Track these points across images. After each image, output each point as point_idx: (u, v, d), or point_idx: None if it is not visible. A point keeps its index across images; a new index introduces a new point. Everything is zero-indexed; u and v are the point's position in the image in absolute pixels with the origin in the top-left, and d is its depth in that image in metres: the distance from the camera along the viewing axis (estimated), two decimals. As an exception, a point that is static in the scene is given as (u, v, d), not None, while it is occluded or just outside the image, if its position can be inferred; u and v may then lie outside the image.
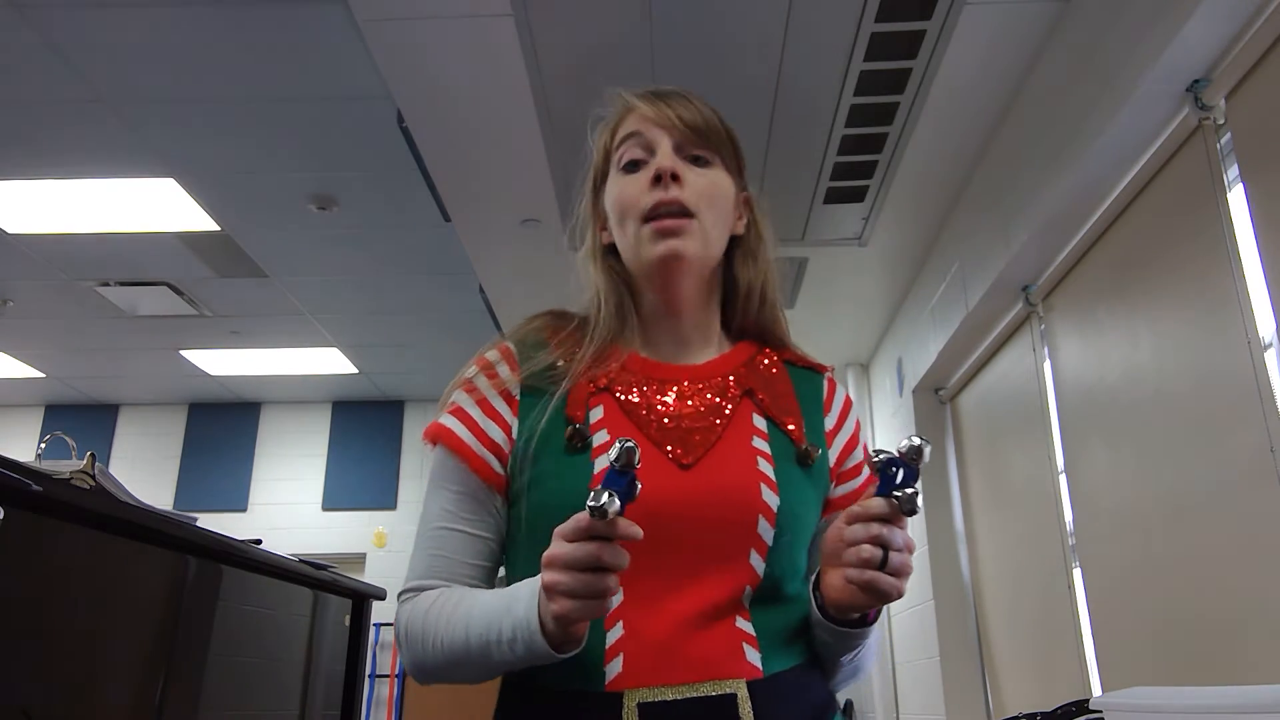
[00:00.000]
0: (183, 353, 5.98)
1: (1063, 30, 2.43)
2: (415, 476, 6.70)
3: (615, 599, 0.80)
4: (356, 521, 6.63)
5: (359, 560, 6.50)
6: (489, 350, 0.97)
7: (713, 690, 0.81)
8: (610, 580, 0.74)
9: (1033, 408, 3.00)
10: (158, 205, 4.09)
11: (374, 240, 4.50)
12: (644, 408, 0.92)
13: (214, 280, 4.89)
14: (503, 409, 0.93)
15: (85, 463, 1.65)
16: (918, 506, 0.77)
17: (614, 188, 0.98)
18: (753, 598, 0.87)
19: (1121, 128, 2.14)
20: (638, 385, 0.94)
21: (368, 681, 5.86)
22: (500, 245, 3.55)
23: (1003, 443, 3.39)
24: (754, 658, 0.84)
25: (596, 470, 0.86)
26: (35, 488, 1.37)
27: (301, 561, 2.39)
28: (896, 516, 0.78)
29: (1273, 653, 1.80)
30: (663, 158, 0.94)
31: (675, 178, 0.93)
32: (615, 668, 0.82)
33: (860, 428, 1.02)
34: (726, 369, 0.98)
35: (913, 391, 4.00)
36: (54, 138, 3.59)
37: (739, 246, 1.01)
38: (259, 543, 2.18)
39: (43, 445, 4.40)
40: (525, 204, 3.29)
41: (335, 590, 2.64)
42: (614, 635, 0.83)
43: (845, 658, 0.88)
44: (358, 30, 2.57)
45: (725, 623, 0.85)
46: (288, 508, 6.68)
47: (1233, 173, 1.96)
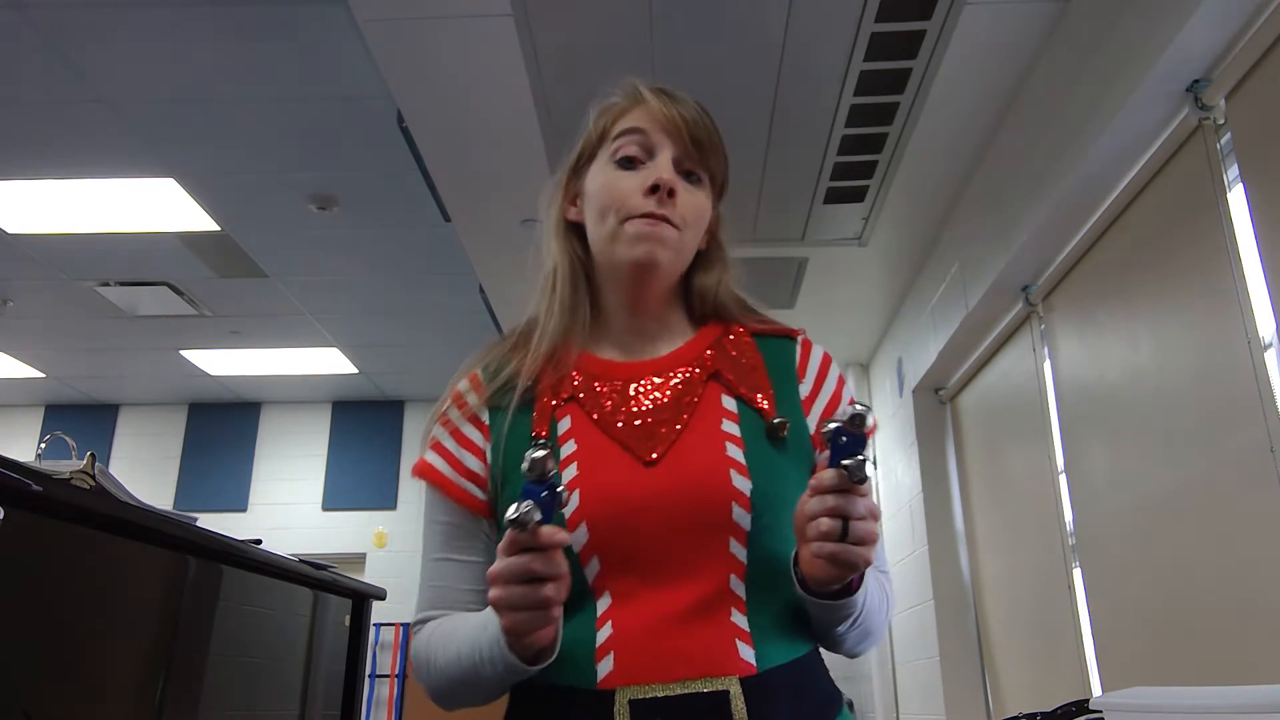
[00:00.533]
0: (183, 353, 5.98)
1: (1063, 30, 2.43)
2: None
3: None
4: (356, 521, 6.63)
5: (359, 560, 6.50)
6: (460, 380, 1.00)
7: (704, 687, 0.81)
8: (547, 589, 0.75)
9: (1033, 408, 3.00)
10: (158, 205, 4.09)
11: (374, 240, 4.50)
12: (609, 410, 0.92)
13: (214, 280, 4.89)
14: (475, 435, 0.96)
15: (85, 463, 1.65)
16: (867, 474, 0.75)
17: (604, 177, 0.98)
18: (746, 586, 0.86)
19: (1121, 128, 2.14)
20: (602, 388, 0.94)
21: (368, 681, 5.86)
22: (500, 245, 3.55)
23: (1003, 443, 3.39)
24: (747, 653, 0.83)
25: (564, 481, 0.87)
26: (35, 488, 1.37)
27: (301, 561, 2.39)
28: (851, 486, 0.76)
29: (1273, 653, 1.80)
30: (664, 169, 0.95)
31: (671, 194, 0.94)
32: (606, 666, 0.82)
33: (844, 383, 1.00)
34: (691, 355, 0.98)
35: (913, 391, 4.00)
36: (54, 138, 3.59)
37: (700, 258, 1.03)
38: (259, 543, 2.18)
39: (43, 445, 4.40)
40: (525, 204, 3.25)
41: (335, 590, 2.64)
42: (604, 634, 0.84)
43: (841, 628, 0.87)
44: (358, 30, 2.57)
45: (718, 617, 0.84)
46: (288, 508, 6.67)
47: (1233, 173, 1.96)
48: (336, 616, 2.67)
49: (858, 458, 0.76)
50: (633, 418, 0.92)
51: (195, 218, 4.20)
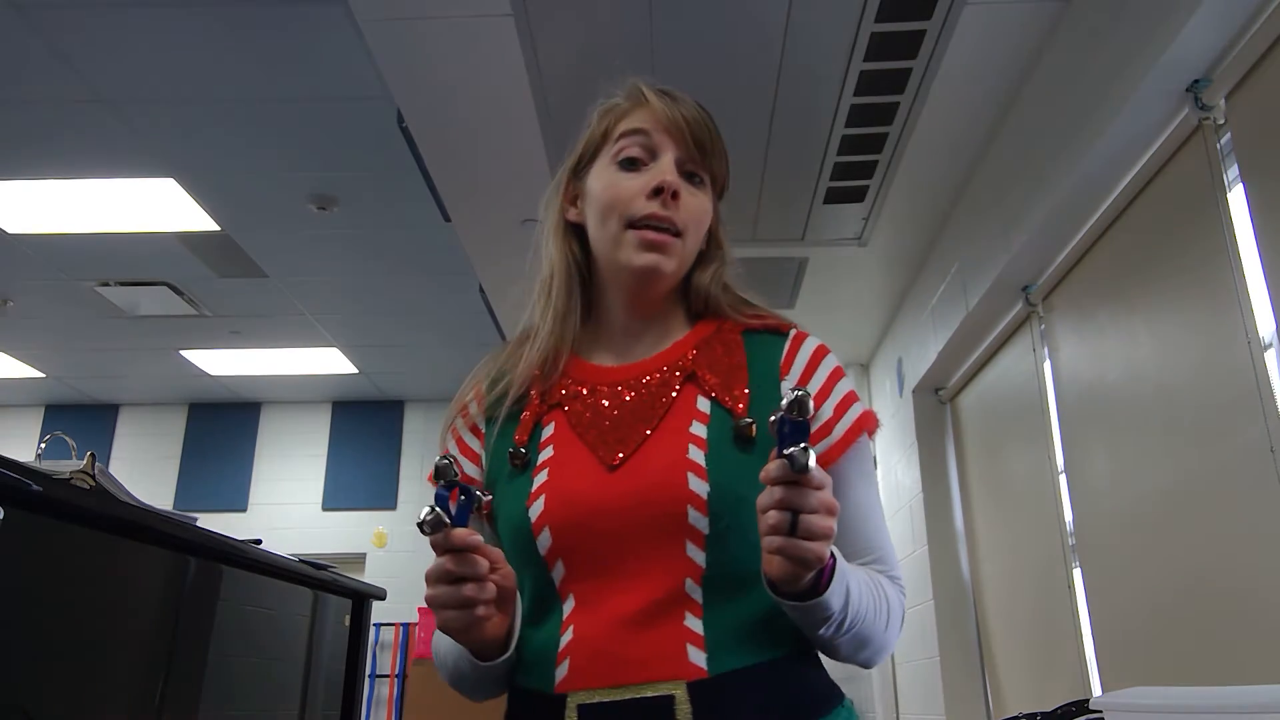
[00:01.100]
0: (183, 353, 5.98)
1: (1063, 30, 2.43)
2: (415, 477, 6.70)
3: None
4: (356, 521, 6.63)
5: (359, 560, 6.50)
6: (467, 390, 1.03)
7: (650, 692, 0.81)
8: (466, 589, 0.78)
9: (1033, 408, 3.00)
10: (158, 205, 4.09)
11: (374, 240, 4.50)
12: (590, 416, 0.93)
13: (214, 280, 4.89)
14: (473, 443, 1.00)
15: (85, 463, 1.65)
16: (808, 463, 0.71)
17: (606, 178, 0.97)
18: (704, 591, 0.84)
19: (1121, 128, 2.14)
20: (587, 393, 0.96)
21: (368, 681, 5.86)
22: (500, 245, 3.55)
23: (1003, 443, 3.39)
24: (698, 657, 0.82)
25: (534, 487, 0.90)
26: (35, 488, 1.37)
27: (301, 561, 2.39)
28: (799, 477, 0.72)
29: (1273, 653, 1.80)
30: (667, 172, 0.95)
31: (675, 196, 0.94)
32: (563, 670, 0.84)
33: (838, 378, 0.97)
34: (675, 356, 0.97)
35: (913, 391, 4.00)
36: (54, 138, 3.59)
37: (699, 258, 1.03)
38: (259, 543, 2.18)
39: (43, 445, 4.39)
40: (525, 204, 3.28)
41: (335, 590, 2.64)
42: (566, 639, 0.85)
43: (823, 632, 0.82)
44: (358, 30, 2.57)
45: (670, 621, 0.83)
46: (288, 508, 6.67)
47: (1233, 173, 1.96)
48: (336, 616, 2.67)
49: (800, 445, 0.72)
50: (608, 422, 0.92)
51: (195, 218, 4.20)
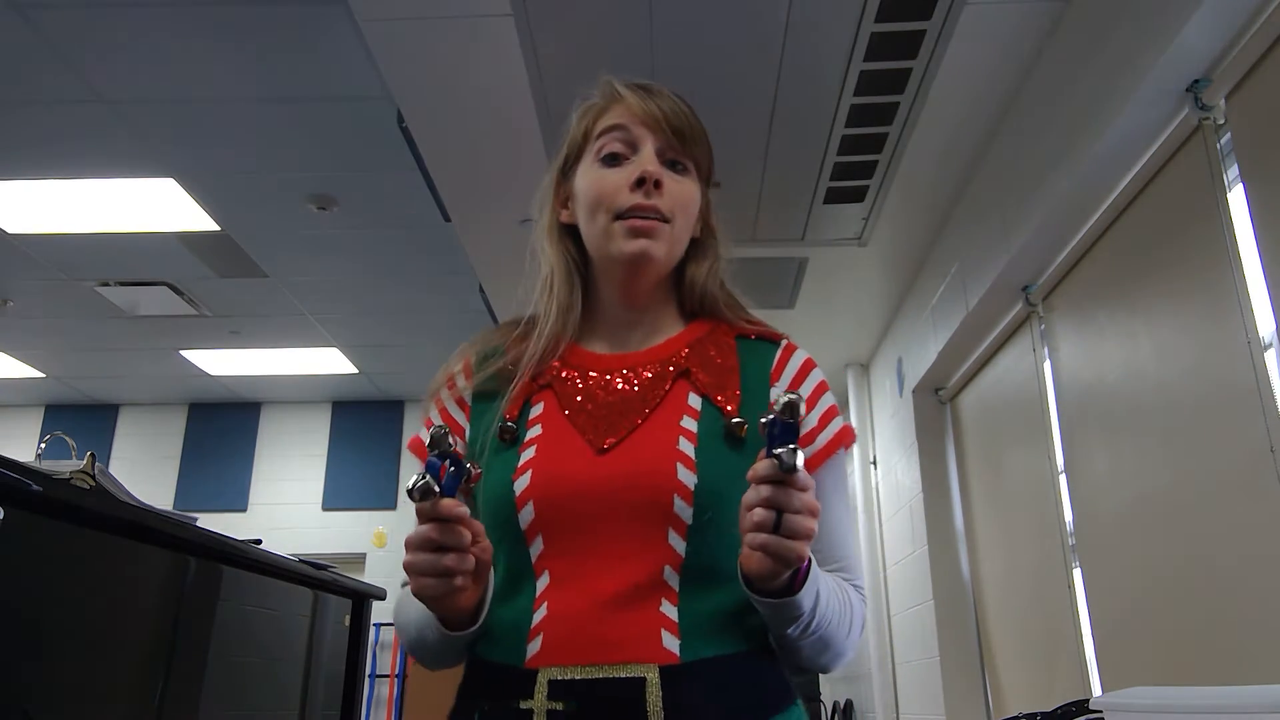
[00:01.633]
0: (183, 353, 5.98)
1: (1063, 30, 2.43)
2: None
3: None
4: (356, 521, 6.63)
5: (359, 560, 6.50)
6: (455, 363, 1.04)
7: (622, 673, 0.82)
8: (447, 559, 0.80)
9: (1033, 408, 3.00)
10: (158, 205, 4.09)
11: (374, 240, 4.50)
12: (581, 399, 0.95)
13: (214, 280, 4.89)
14: (458, 415, 1.01)
15: (85, 463, 1.65)
16: (796, 464, 0.75)
17: (591, 175, 0.99)
18: (681, 579, 0.86)
19: (1121, 128, 2.14)
20: (582, 378, 0.97)
21: (368, 681, 5.86)
22: (500, 245, 3.55)
23: (1003, 443, 3.39)
24: (671, 643, 0.84)
25: (521, 462, 0.91)
26: (35, 488, 1.37)
27: (301, 561, 2.39)
28: (787, 478, 0.76)
29: (1273, 653, 1.80)
30: (648, 162, 0.97)
31: (658, 185, 0.96)
32: (535, 646, 0.85)
33: (823, 391, 0.99)
34: (669, 352, 0.99)
35: (913, 391, 4.00)
36: (54, 138, 3.59)
37: (694, 247, 1.04)
38: (259, 543, 2.18)
39: (43, 445, 4.39)
40: (525, 204, 3.25)
41: (335, 590, 2.64)
42: (539, 616, 0.86)
43: (792, 630, 0.84)
44: (358, 30, 2.57)
45: (647, 606, 0.85)
46: (288, 508, 6.67)
47: (1233, 173, 1.96)
48: (336, 616, 2.68)
49: (789, 446, 0.75)
50: (598, 407, 0.94)
51: (195, 218, 4.20)
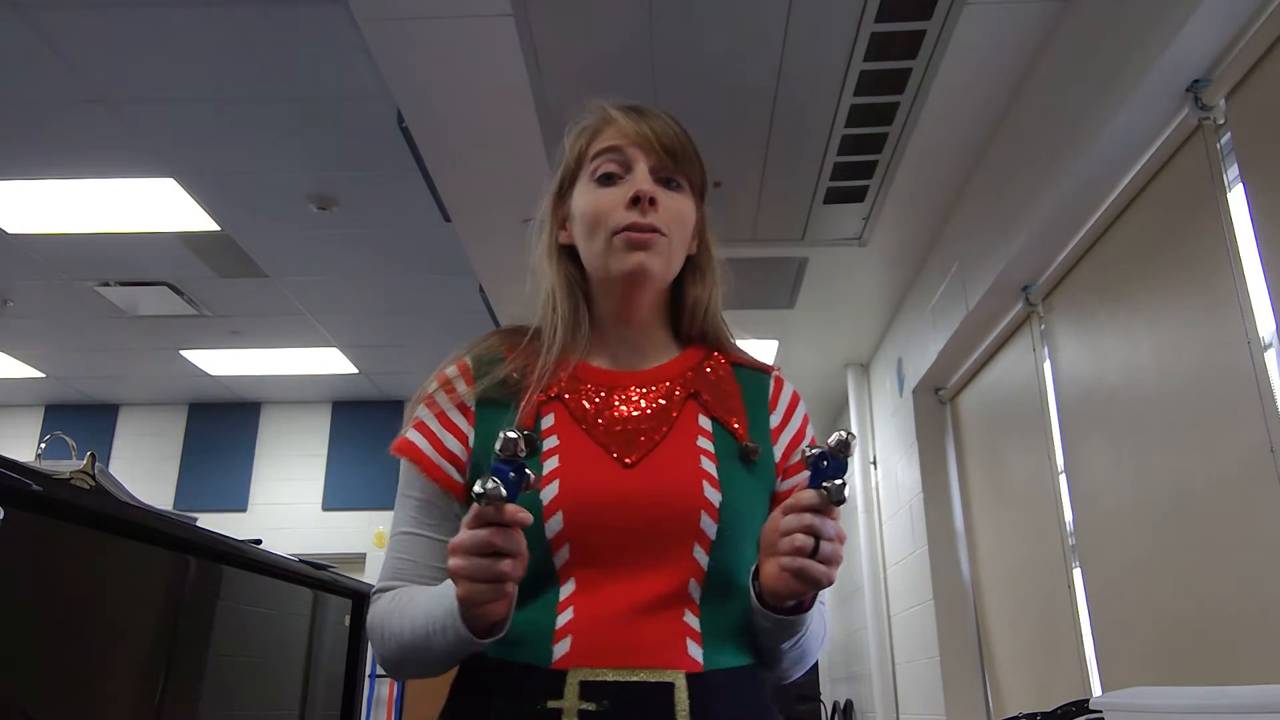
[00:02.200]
0: (183, 353, 5.98)
1: (1063, 30, 2.43)
2: (415, 476, 6.71)
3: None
4: (356, 521, 6.63)
5: (359, 560, 6.49)
6: (448, 366, 1.04)
7: (651, 677, 0.85)
8: (504, 564, 0.79)
9: (1033, 408, 3.00)
10: (158, 205, 4.09)
11: (374, 240, 4.50)
12: (593, 412, 0.97)
13: (214, 280, 4.89)
14: (459, 421, 1.00)
15: (85, 463, 1.65)
16: (845, 496, 0.82)
17: (587, 196, 1.02)
18: (702, 591, 0.91)
19: (1121, 128, 2.14)
20: (588, 392, 0.99)
21: (368, 681, 5.85)
22: (500, 245, 3.55)
23: (1003, 443, 3.39)
24: (695, 652, 0.88)
25: (545, 471, 0.92)
26: (35, 488, 1.37)
27: (301, 561, 2.39)
28: (827, 507, 0.83)
29: (1273, 653, 1.80)
30: (642, 181, 0.99)
31: (653, 202, 0.99)
32: (563, 648, 0.87)
33: (808, 423, 1.06)
34: (674, 373, 1.03)
35: (913, 391, 4.00)
36: (54, 138, 3.59)
37: (691, 265, 1.07)
38: (259, 543, 2.18)
39: (43, 445, 4.39)
40: (525, 204, 3.26)
41: (335, 590, 2.64)
42: (564, 618, 0.88)
43: (786, 644, 0.92)
44: (358, 30, 2.57)
45: (672, 615, 0.89)
46: (288, 508, 6.67)
47: (1233, 173, 1.96)
48: (336, 616, 2.67)
49: (838, 481, 0.82)
50: (613, 423, 0.97)
51: (195, 218, 4.20)
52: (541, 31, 2.47)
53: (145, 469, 6.68)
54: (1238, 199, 1.94)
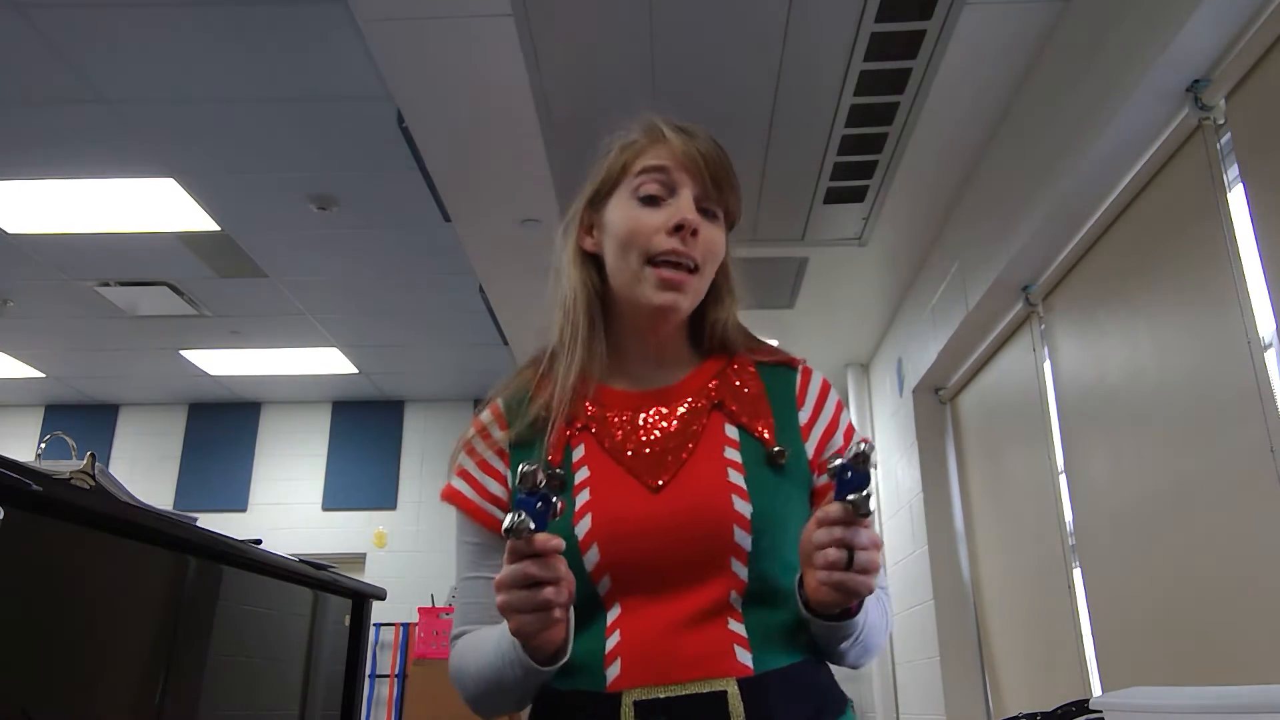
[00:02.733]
0: (183, 353, 5.98)
1: (1063, 30, 2.43)
2: (415, 477, 6.70)
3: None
4: (356, 521, 6.63)
5: (359, 560, 6.49)
6: (483, 412, 1.06)
7: (704, 688, 0.87)
8: (546, 592, 0.81)
9: (1033, 408, 3.00)
10: (158, 205, 4.09)
11: (374, 240, 4.50)
12: (620, 438, 0.99)
13: (214, 280, 4.89)
14: (498, 464, 1.03)
15: (85, 463, 1.65)
16: (870, 508, 0.82)
17: (627, 212, 1.01)
18: (744, 600, 0.92)
19: (1121, 128, 2.14)
20: (613, 418, 1.00)
21: (368, 681, 5.86)
22: (500, 245, 3.55)
23: (1003, 443, 3.39)
24: (745, 657, 0.89)
25: (579, 505, 0.94)
26: (35, 488, 1.37)
27: (301, 561, 2.39)
28: (855, 518, 0.83)
29: (1273, 653, 1.80)
30: (687, 210, 0.99)
31: (695, 233, 0.99)
32: (615, 671, 0.89)
33: (842, 409, 1.06)
34: (696, 385, 1.03)
35: (913, 391, 4.00)
36: (54, 138, 3.59)
37: (712, 289, 1.06)
38: (259, 543, 2.18)
39: (43, 445, 4.40)
40: (525, 204, 3.29)
41: (335, 590, 2.64)
42: (613, 642, 0.91)
43: (844, 645, 0.92)
44: (358, 30, 2.57)
45: (717, 625, 0.90)
46: (288, 508, 6.67)
47: (1233, 173, 1.96)
48: (336, 616, 2.67)
49: (862, 493, 0.82)
50: (641, 446, 0.98)
51: (195, 218, 4.20)
52: (541, 31, 2.48)
53: (145, 469, 6.68)
54: (1238, 199, 1.94)
